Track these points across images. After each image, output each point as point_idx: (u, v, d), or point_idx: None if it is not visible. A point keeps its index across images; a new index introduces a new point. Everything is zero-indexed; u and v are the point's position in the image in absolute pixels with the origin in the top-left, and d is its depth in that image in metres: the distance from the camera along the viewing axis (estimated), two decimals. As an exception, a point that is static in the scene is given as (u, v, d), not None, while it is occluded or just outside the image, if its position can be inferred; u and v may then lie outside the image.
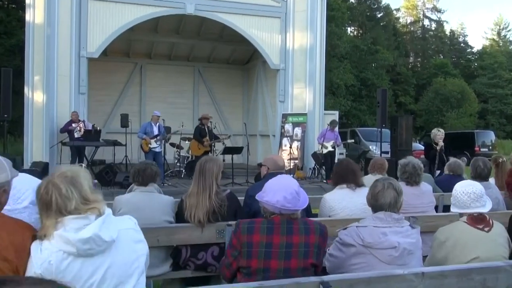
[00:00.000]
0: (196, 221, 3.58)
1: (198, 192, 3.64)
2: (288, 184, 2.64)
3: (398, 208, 2.85)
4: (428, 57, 52.26)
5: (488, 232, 2.96)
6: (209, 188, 3.63)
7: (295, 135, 14.75)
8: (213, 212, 3.60)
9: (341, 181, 4.20)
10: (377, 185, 2.90)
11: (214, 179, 3.66)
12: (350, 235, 2.80)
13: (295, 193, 2.60)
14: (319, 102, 15.10)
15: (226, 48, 18.52)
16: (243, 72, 19.79)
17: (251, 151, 13.86)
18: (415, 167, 4.54)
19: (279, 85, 15.15)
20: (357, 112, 36.43)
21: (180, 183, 11.56)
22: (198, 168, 3.72)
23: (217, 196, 3.63)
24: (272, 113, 16.16)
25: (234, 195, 3.84)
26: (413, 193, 4.50)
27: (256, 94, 18.05)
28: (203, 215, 3.57)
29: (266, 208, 2.64)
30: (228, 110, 19.28)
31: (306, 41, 14.97)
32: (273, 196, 2.59)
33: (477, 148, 23.86)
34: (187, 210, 3.63)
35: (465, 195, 3.01)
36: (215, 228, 3.60)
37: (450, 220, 3.75)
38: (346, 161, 4.40)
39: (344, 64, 33.81)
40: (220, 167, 3.76)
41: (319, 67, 15.10)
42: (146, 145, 11.75)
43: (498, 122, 45.45)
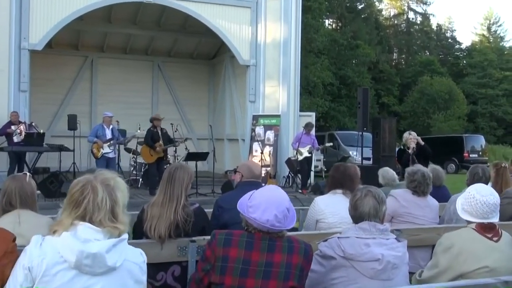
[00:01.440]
0: (156, 236, 3.53)
1: (163, 202, 3.59)
2: (280, 200, 2.62)
3: (381, 218, 2.89)
4: (413, 53, 53.36)
5: (497, 242, 3.05)
6: (177, 199, 3.58)
7: (267, 139, 14.79)
8: (176, 226, 3.55)
9: (336, 186, 4.26)
10: (356, 193, 2.96)
11: (184, 190, 3.63)
12: (331, 246, 2.83)
13: (287, 210, 2.60)
14: (294, 103, 15.20)
15: (189, 41, 18.46)
16: (209, 68, 19.75)
17: (218, 157, 13.83)
18: (424, 176, 4.64)
19: (249, 83, 15.18)
20: (335, 113, 36.83)
21: (137, 194, 11.43)
22: (166, 175, 3.68)
23: (183, 209, 3.59)
24: (241, 115, 16.17)
25: (202, 210, 3.82)
26: (416, 203, 4.60)
27: (223, 93, 18.03)
28: (165, 229, 3.53)
29: (251, 224, 2.62)
30: (191, 111, 19.21)
31: (280, 34, 15.06)
32: (263, 214, 2.56)
33: (466, 154, 24.44)
34: (147, 222, 3.58)
35: (486, 206, 3.06)
36: (176, 244, 3.56)
37: (437, 234, 3.83)
38: (343, 166, 4.45)
39: (322, 60, 34.14)
40: (191, 176, 3.74)
41: (294, 63, 15.20)
42: (98, 150, 11.58)
43: (488, 126, 46.71)
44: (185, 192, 3.63)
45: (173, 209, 3.55)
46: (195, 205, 3.73)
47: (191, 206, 3.67)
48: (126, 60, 18.42)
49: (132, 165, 13.34)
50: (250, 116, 15.20)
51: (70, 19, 13.28)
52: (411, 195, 4.64)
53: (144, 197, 10.73)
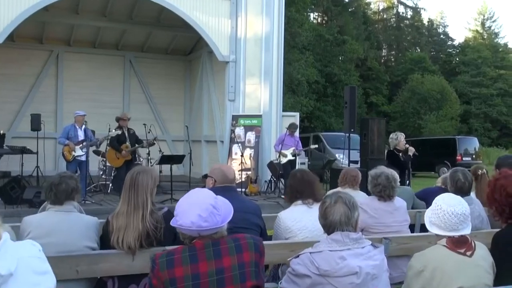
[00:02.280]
0: (126, 247, 3.50)
1: (128, 211, 3.56)
2: (200, 199, 2.61)
3: (354, 225, 2.89)
4: (403, 50, 53.91)
5: (471, 257, 3.03)
6: (142, 206, 3.56)
7: (248, 141, 14.79)
8: (146, 235, 3.53)
9: (296, 196, 4.24)
10: (325, 201, 2.95)
11: (149, 195, 3.60)
12: (303, 263, 2.81)
13: (212, 207, 2.57)
14: (277, 102, 15.23)
15: (164, 35, 18.39)
16: (185, 64, 19.69)
17: (194, 161, 13.79)
18: (388, 178, 4.64)
19: (229, 80, 15.17)
20: (321, 113, 37.03)
21: (106, 200, 11.34)
22: (128, 181, 3.64)
23: (151, 216, 3.57)
24: (220, 115, 16.15)
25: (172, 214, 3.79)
26: (385, 210, 4.60)
27: (200, 91, 18.00)
28: (134, 239, 3.50)
29: (184, 233, 2.62)
30: (166, 110, 19.14)
31: (261, 28, 15.08)
32: (186, 217, 2.55)
33: (459, 157, 24.74)
34: (113, 234, 3.54)
35: (454, 216, 3.03)
36: (149, 254, 3.53)
37: (429, 242, 3.86)
38: (300, 172, 4.44)
39: (306, 57, 34.29)
40: (156, 179, 3.71)
41: (277, 60, 15.23)
42: (69, 153, 11.46)
43: (482, 127, 47.38)
44: (150, 197, 3.61)
45: (140, 217, 3.53)
46: (164, 209, 3.71)
47: (159, 211, 3.65)
48: (95, 55, 18.28)
49: (101, 169, 13.23)
50: (229, 116, 15.19)
51: (34, 10, 13.11)
52: (378, 201, 4.63)
53: (115, 203, 10.63)
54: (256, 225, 4.04)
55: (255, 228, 4.01)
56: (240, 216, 3.94)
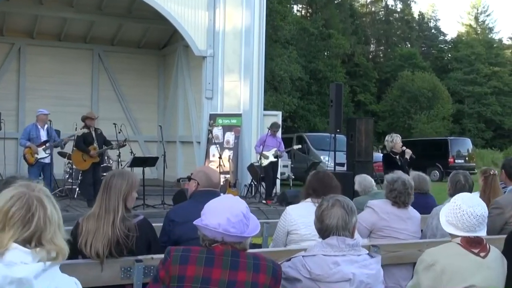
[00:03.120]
0: (93, 253, 3.47)
1: (99, 215, 3.55)
2: (233, 205, 2.66)
3: (351, 231, 2.92)
4: (393, 45, 54.33)
5: (484, 258, 3.11)
6: (114, 211, 3.54)
7: (226, 142, 14.77)
8: (116, 243, 3.51)
9: (309, 193, 4.31)
10: (322, 203, 2.99)
11: (121, 200, 3.59)
12: (295, 267, 2.84)
13: (243, 216, 2.61)
14: (258, 100, 15.24)
15: (136, 27, 18.30)
16: (159, 59, 19.61)
17: (169, 163, 13.71)
18: (405, 184, 4.72)
19: (206, 77, 15.14)
20: (305, 112, 37.13)
21: (73, 206, 11.23)
22: (103, 183, 3.68)
23: (123, 222, 3.55)
24: (197, 113, 16.11)
25: (148, 223, 3.78)
26: (398, 216, 4.68)
27: (175, 88, 17.94)
28: (102, 245, 3.48)
29: (206, 235, 2.63)
30: (138, 109, 19.03)
31: (241, 21, 15.07)
32: (214, 217, 2.58)
33: (451, 159, 24.99)
34: (82, 237, 3.52)
35: (473, 218, 3.11)
36: (119, 264, 3.51)
37: (419, 250, 3.89)
38: (323, 173, 4.52)
39: (289, 52, 34.35)
40: (133, 184, 3.70)
41: (258, 55, 15.24)
42: (32, 156, 11.32)
43: (476, 128, 47.92)
44: (123, 202, 3.59)
45: (111, 223, 3.52)
46: (138, 217, 3.69)
47: (134, 219, 3.63)
48: (61, 49, 18.09)
49: (67, 172, 13.10)
50: (206, 115, 15.16)
51: (-6, -1, 12.98)
52: (391, 206, 4.72)
53: (82, 209, 10.56)
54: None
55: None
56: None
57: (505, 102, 49.17)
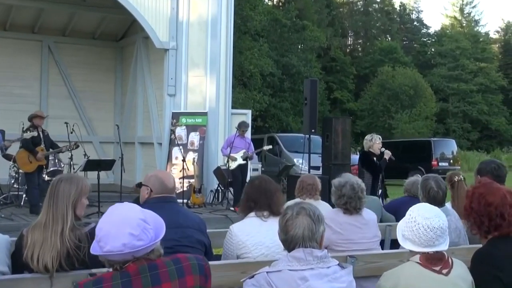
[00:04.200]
0: (42, 267, 3.43)
1: (46, 224, 3.50)
2: (127, 215, 2.56)
3: (319, 241, 2.92)
4: (372, 38, 54.90)
5: (447, 275, 3.10)
6: (62, 220, 3.50)
7: (191, 143, 14.73)
8: (67, 255, 3.47)
9: (250, 206, 4.26)
10: (286, 212, 2.96)
11: (70, 207, 3.55)
12: (259, 284, 2.82)
13: (143, 222, 2.53)
14: (225, 97, 15.24)
15: (90, 16, 18.14)
16: (116, 51, 19.49)
17: (127, 166, 13.63)
18: (354, 188, 4.68)
19: (168, 71, 15.08)
20: (277, 111, 37.24)
21: (19, 214, 11.09)
22: (49, 189, 3.61)
23: (73, 232, 3.51)
24: (158, 112, 16.05)
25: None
26: (352, 224, 4.65)
27: (134, 84, 17.84)
28: (51, 258, 3.43)
29: (113, 260, 2.55)
30: (93, 107, 18.88)
31: (207, 10, 15.06)
32: (114, 239, 2.48)
33: (434, 161, 25.31)
34: (27, 249, 3.47)
35: (430, 231, 3.08)
36: (71, 278, 3.47)
37: (400, 260, 3.93)
38: (259, 179, 4.45)
39: (260, 45, 34.43)
40: (82, 189, 3.65)
41: (225, 48, 15.25)
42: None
43: (461, 128, 48.71)
44: (72, 210, 3.55)
45: (59, 233, 3.47)
46: (90, 225, 3.65)
47: (85, 227, 3.59)
48: (6, 39, 17.84)
49: (13, 177, 12.91)
50: (168, 114, 15.10)
51: None
52: (343, 215, 4.68)
53: (28, 218, 10.43)
54: (199, 242, 4.03)
55: (199, 246, 4.00)
56: (181, 232, 3.92)
57: (492, 101, 50.04)
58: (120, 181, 12.67)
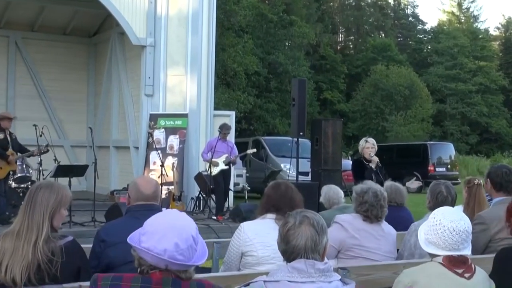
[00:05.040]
0: (9, 279, 3.41)
1: (19, 232, 3.48)
2: (183, 226, 2.59)
3: (321, 253, 2.91)
4: (364, 35, 55.06)
5: (469, 280, 3.18)
6: (37, 230, 3.48)
7: (170, 147, 14.71)
8: (37, 268, 3.45)
9: (270, 210, 4.30)
10: (288, 221, 2.94)
11: (47, 217, 3.53)
12: None
13: (192, 240, 2.56)
14: (207, 98, 15.23)
15: (61, 10, 18.09)
16: (89, 48, 19.43)
17: (101, 172, 13.54)
18: (377, 195, 4.75)
19: (145, 70, 15.05)
20: (263, 113, 37.24)
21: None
22: (27, 196, 3.61)
23: (47, 244, 3.49)
24: (134, 113, 16.01)
25: (77, 246, 3.73)
26: (369, 232, 4.72)
27: (109, 83, 17.79)
28: (20, 270, 3.41)
29: (144, 259, 2.57)
30: (64, 107, 18.80)
31: (187, 4, 15.05)
32: (159, 242, 2.50)
33: (431, 167, 25.42)
34: (-4, 257, 3.45)
35: (456, 234, 3.16)
36: (40, 295, 3.46)
37: (394, 272, 3.94)
38: (285, 185, 4.50)
39: (244, 41, 34.43)
40: (62, 199, 3.64)
41: (207, 45, 15.24)
42: None
43: (459, 131, 48.92)
44: (49, 220, 3.54)
45: (32, 243, 3.45)
46: (66, 238, 3.64)
47: (59, 240, 3.58)
48: (-31, 35, 17.80)
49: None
50: (146, 116, 15.07)
51: None
52: (362, 221, 4.76)
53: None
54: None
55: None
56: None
57: (492, 102, 50.24)
58: (94, 188, 12.57)
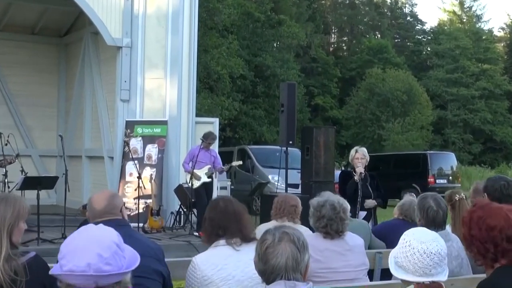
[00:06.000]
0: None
1: None
2: (100, 234, 2.55)
3: (303, 272, 2.90)
4: (359, 35, 55.31)
5: None
6: (-3, 248, 3.47)
7: (148, 157, 14.68)
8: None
9: (218, 234, 4.21)
10: (266, 238, 2.91)
11: (5, 234, 3.52)
12: None
13: (116, 246, 2.52)
14: (188, 103, 15.23)
15: (29, 8, 18.04)
16: (59, 49, 19.40)
17: (72, 184, 13.51)
18: (335, 208, 4.68)
19: (121, 73, 15.03)
20: (249, 119, 37.26)
21: None
22: None
23: (8, 263, 3.47)
24: (109, 120, 15.98)
25: (41, 261, 3.71)
26: (333, 250, 4.66)
27: (81, 87, 17.75)
28: (-20, 294, 3.40)
29: (72, 284, 2.48)
30: (32, 113, 18.73)
31: (167, 2, 15.07)
32: (79, 257, 2.44)
33: (431, 178, 25.51)
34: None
35: (427, 257, 3.12)
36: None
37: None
38: (222, 201, 4.41)
39: (229, 42, 34.47)
40: (20, 212, 3.63)
41: (189, 45, 15.25)
42: None
43: (462, 139, 49.15)
44: (7, 236, 3.52)
45: None
46: (28, 255, 3.62)
47: (21, 257, 3.56)
48: None
49: None
50: (121, 123, 15.03)
51: None
52: (323, 239, 4.69)
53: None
54: (156, 272, 4.02)
55: (155, 277, 4.00)
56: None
57: (496, 108, 50.50)
58: (64, 201, 12.53)
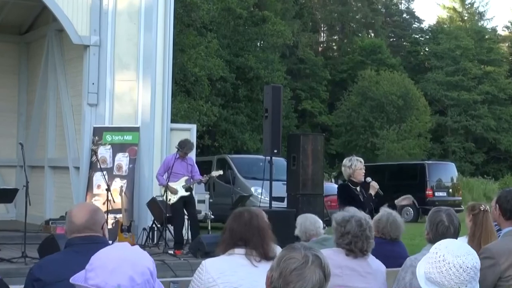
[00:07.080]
0: None
1: None
2: (136, 257, 2.60)
3: None
4: (351, 34, 55.49)
5: None
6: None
7: (118, 167, 14.65)
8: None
9: (238, 245, 4.25)
10: (294, 256, 2.77)
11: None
12: None
13: (150, 274, 2.57)
14: (163, 108, 15.21)
15: (-13, 2, 18.02)
16: (20, 48, 19.37)
17: (34, 197, 13.45)
18: (361, 225, 4.72)
19: (89, 74, 15.00)
20: (229, 126, 37.25)
21: None
22: None
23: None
24: (75, 127, 15.93)
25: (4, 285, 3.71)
26: (354, 269, 4.69)
27: (44, 90, 17.70)
28: None
29: None
30: (-11, 119, 18.68)
31: (139, -3, 15.10)
32: (111, 275, 2.48)
33: (429, 191, 25.55)
34: None
35: (464, 272, 3.16)
36: None
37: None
38: (248, 212, 4.45)
39: (208, 41, 34.48)
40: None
41: (163, 44, 15.26)
42: None
43: (463, 148, 49.35)
44: None
45: None
46: None
47: None
48: None
49: None
50: (89, 129, 14.98)
51: None
52: (345, 256, 4.72)
53: None
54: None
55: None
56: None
57: (500, 114, 50.63)
58: (25, 217, 12.46)
